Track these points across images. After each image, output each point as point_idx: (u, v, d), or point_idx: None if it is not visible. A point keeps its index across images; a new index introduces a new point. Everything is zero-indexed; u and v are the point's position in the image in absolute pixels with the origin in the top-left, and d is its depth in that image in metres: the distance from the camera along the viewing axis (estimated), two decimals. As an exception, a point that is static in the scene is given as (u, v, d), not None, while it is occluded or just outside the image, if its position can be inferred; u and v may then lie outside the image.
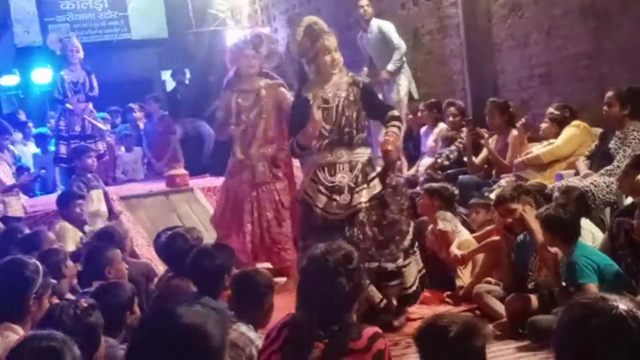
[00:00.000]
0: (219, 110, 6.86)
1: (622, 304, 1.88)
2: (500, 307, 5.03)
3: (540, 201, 5.44)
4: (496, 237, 5.42)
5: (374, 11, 8.90)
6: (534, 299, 4.80)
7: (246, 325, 3.60)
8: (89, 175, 7.87)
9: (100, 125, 9.60)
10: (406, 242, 5.14)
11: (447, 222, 5.98)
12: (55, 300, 3.76)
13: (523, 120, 6.91)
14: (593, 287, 4.24)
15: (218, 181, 8.85)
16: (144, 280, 5.28)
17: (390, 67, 8.70)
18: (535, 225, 4.81)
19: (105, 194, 7.91)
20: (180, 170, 8.79)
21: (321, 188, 5.11)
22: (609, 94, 6.03)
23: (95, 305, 3.38)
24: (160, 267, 5.70)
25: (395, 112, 5.55)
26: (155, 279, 5.34)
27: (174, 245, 4.92)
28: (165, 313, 2.12)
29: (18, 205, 7.86)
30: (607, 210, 5.69)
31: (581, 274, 4.37)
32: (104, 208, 7.61)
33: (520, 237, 5.12)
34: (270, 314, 3.80)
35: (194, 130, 10.53)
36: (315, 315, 2.82)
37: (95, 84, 9.59)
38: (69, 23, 16.17)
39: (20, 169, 9.32)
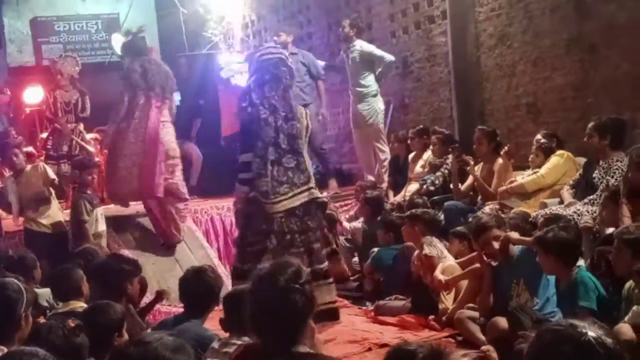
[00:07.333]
0: None
1: (591, 331, 1.93)
2: (480, 334, 5.05)
3: (525, 228, 5.49)
4: (479, 265, 5.45)
5: (355, 31, 8.88)
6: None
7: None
8: (89, 193, 7.50)
9: (88, 147, 9.56)
10: None
11: (433, 247, 6.01)
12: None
13: (506, 147, 6.98)
14: (588, 314, 4.13)
15: (205, 204, 8.87)
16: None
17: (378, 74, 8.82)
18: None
19: None
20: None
21: None
22: (589, 125, 6.10)
23: (82, 326, 3.40)
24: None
25: None
26: None
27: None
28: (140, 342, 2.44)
29: None
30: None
31: (585, 296, 4.38)
32: (104, 227, 7.36)
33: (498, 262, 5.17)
34: None
35: (182, 152, 10.47)
36: (269, 340, 2.62)
37: (87, 105, 9.60)
38: (62, 44, 16.24)
39: None
